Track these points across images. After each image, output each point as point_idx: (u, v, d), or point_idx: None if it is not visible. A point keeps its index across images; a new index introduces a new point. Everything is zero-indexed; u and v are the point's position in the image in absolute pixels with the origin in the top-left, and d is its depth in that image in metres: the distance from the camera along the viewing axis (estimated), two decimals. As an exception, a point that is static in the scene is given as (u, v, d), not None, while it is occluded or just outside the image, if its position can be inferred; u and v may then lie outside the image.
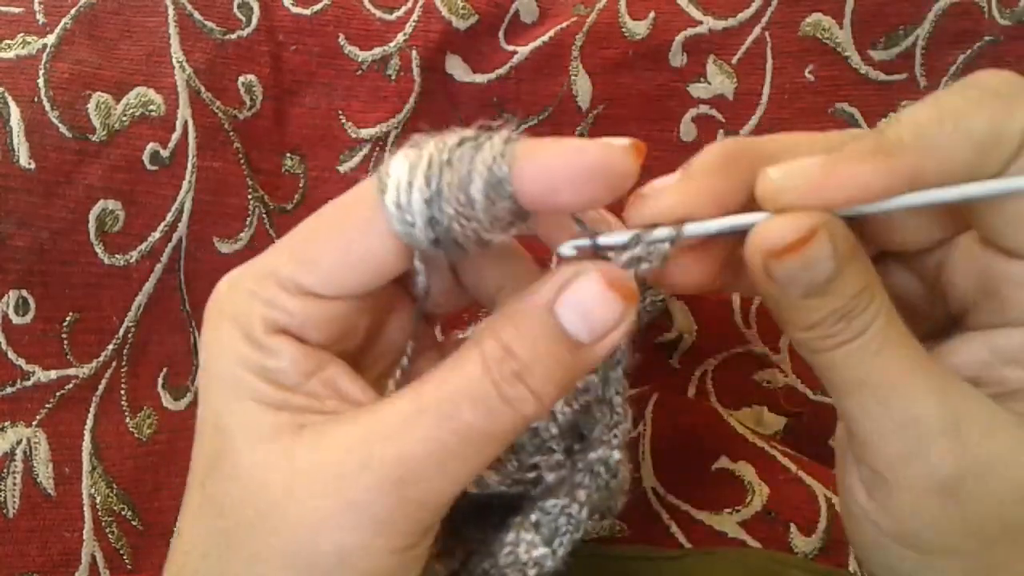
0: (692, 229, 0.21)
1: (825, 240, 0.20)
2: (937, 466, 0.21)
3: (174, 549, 0.23)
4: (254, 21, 0.35)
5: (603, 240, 0.21)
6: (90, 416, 0.34)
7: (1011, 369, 0.22)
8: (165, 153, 0.34)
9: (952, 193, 0.20)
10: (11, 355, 0.33)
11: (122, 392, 0.35)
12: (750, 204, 0.21)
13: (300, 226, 0.22)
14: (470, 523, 0.24)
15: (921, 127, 0.20)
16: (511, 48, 0.36)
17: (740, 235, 0.21)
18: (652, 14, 0.36)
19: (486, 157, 0.20)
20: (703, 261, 0.23)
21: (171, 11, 0.34)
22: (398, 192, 0.20)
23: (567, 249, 0.21)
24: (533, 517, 0.23)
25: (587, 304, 0.20)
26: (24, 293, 0.33)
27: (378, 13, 0.36)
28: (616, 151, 0.20)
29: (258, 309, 0.22)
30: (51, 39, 0.33)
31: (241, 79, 0.35)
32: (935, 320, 0.24)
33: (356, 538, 0.20)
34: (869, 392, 0.21)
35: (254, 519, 0.21)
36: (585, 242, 0.21)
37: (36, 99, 0.32)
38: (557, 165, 0.20)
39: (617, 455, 0.23)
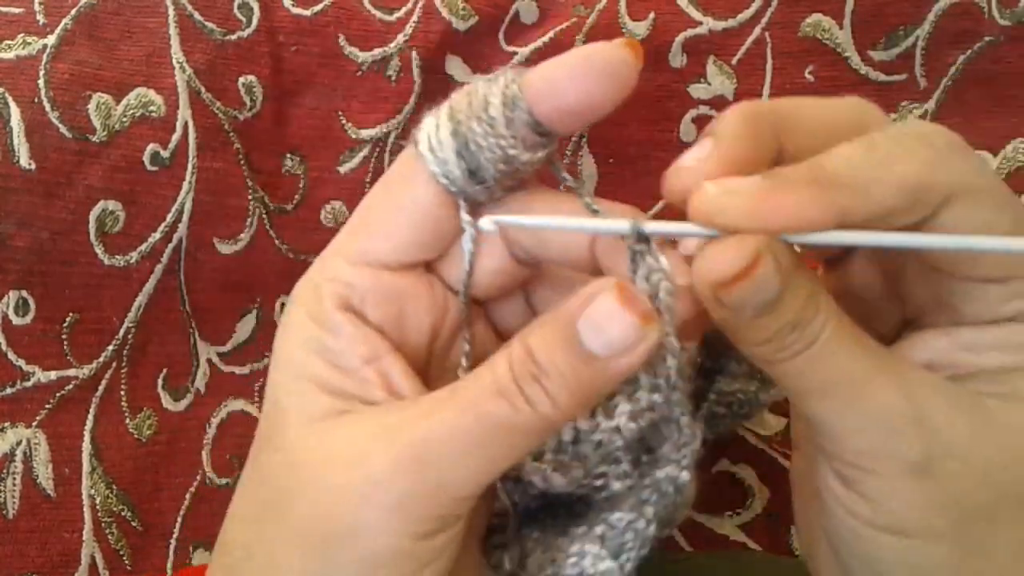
0: (651, 227, 0.21)
1: (771, 263, 0.20)
2: (907, 453, 0.21)
3: (227, 515, 0.24)
4: (254, 22, 0.35)
5: (530, 221, 0.22)
6: (90, 417, 0.34)
7: (965, 355, 0.22)
8: (165, 154, 0.34)
9: (887, 240, 0.21)
10: (11, 356, 0.33)
11: (122, 393, 0.35)
12: (776, 165, 0.21)
13: (358, 207, 0.24)
14: (529, 524, 0.24)
15: (855, 166, 0.20)
16: (511, 49, 0.36)
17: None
18: (652, 15, 0.36)
19: (499, 83, 0.22)
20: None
21: (171, 12, 0.34)
22: (429, 139, 0.22)
23: (487, 224, 0.22)
24: (599, 530, 0.23)
25: (601, 319, 0.21)
26: (24, 294, 0.33)
27: (378, 14, 0.36)
28: (610, 47, 0.21)
29: (324, 286, 0.24)
30: (51, 40, 0.33)
31: (241, 80, 0.35)
32: (899, 316, 0.25)
33: (372, 515, 0.21)
34: (832, 393, 0.22)
35: (288, 491, 0.22)
36: (508, 219, 0.22)
37: (36, 100, 0.33)
38: (560, 70, 0.22)
39: (686, 475, 0.23)
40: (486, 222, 0.22)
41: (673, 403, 0.22)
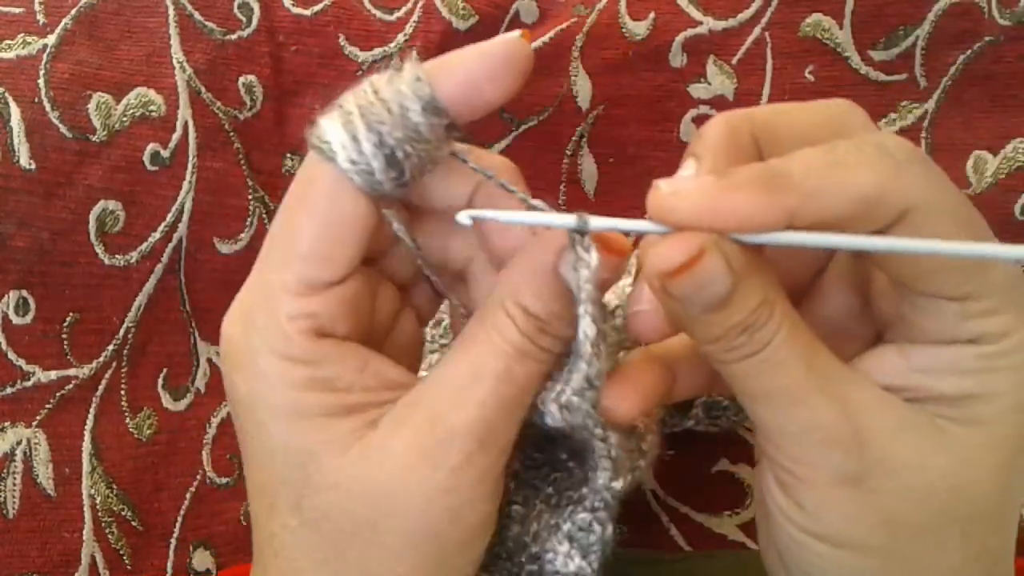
0: (596, 223, 0.22)
1: (716, 259, 0.20)
2: (840, 465, 0.22)
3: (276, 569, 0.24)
4: (254, 22, 0.35)
5: (505, 216, 0.22)
6: (90, 416, 0.34)
7: (921, 377, 0.22)
8: (165, 153, 0.34)
9: (831, 241, 0.21)
10: (11, 355, 0.33)
11: (122, 393, 0.35)
12: None
13: (268, 240, 0.24)
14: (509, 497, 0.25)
15: (811, 169, 0.20)
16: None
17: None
18: (652, 14, 0.36)
19: (407, 87, 0.22)
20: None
21: (171, 11, 0.34)
22: (346, 150, 0.21)
23: (463, 218, 0.23)
24: (566, 528, 0.24)
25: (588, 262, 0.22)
26: (24, 293, 0.33)
27: (378, 14, 0.36)
28: (514, 40, 0.22)
29: (285, 326, 0.23)
30: (51, 39, 0.33)
31: (241, 79, 0.35)
32: (873, 335, 0.25)
33: (460, 498, 0.22)
34: (774, 401, 0.22)
35: (368, 515, 0.23)
36: (485, 214, 0.23)
37: (36, 99, 0.33)
38: (474, 69, 0.22)
39: (618, 484, 0.24)
40: (463, 216, 0.23)
41: (587, 402, 0.23)
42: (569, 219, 0.22)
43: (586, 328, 0.22)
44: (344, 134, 0.21)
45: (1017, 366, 0.22)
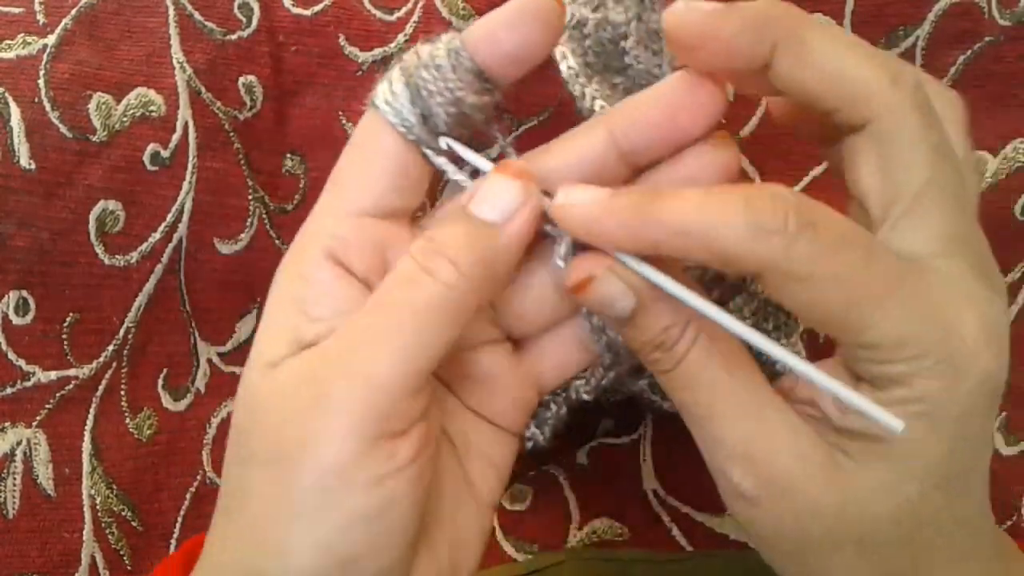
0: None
1: (611, 281, 0.22)
2: (738, 483, 0.23)
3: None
4: (254, 22, 0.35)
5: (469, 155, 0.25)
6: (90, 417, 0.34)
7: (831, 407, 0.23)
8: (165, 154, 0.34)
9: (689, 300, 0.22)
10: (11, 356, 0.33)
11: (122, 393, 0.35)
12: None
13: (332, 171, 0.26)
14: None
15: (682, 210, 0.21)
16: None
17: None
18: (652, 15, 0.36)
19: (443, 39, 0.25)
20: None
21: (171, 12, 0.34)
22: (383, 94, 0.25)
23: (442, 142, 0.25)
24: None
25: (488, 192, 0.24)
26: (24, 294, 0.33)
27: (378, 14, 0.36)
28: None
29: (310, 240, 0.25)
30: (51, 39, 0.33)
31: (241, 80, 0.35)
32: None
33: (318, 425, 0.22)
34: (689, 414, 0.24)
35: (247, 432, 0.23)
36: (456, 146, 0.25)
37: (36, 99, 0.33)
38: (495, 20, 0.24)
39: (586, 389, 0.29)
40: (442, 140, 0.25)
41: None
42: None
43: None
44: (385, 81, 0.25)
45: (923, 414, 0.21)
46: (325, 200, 0.26)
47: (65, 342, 0.34)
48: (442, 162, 0.25)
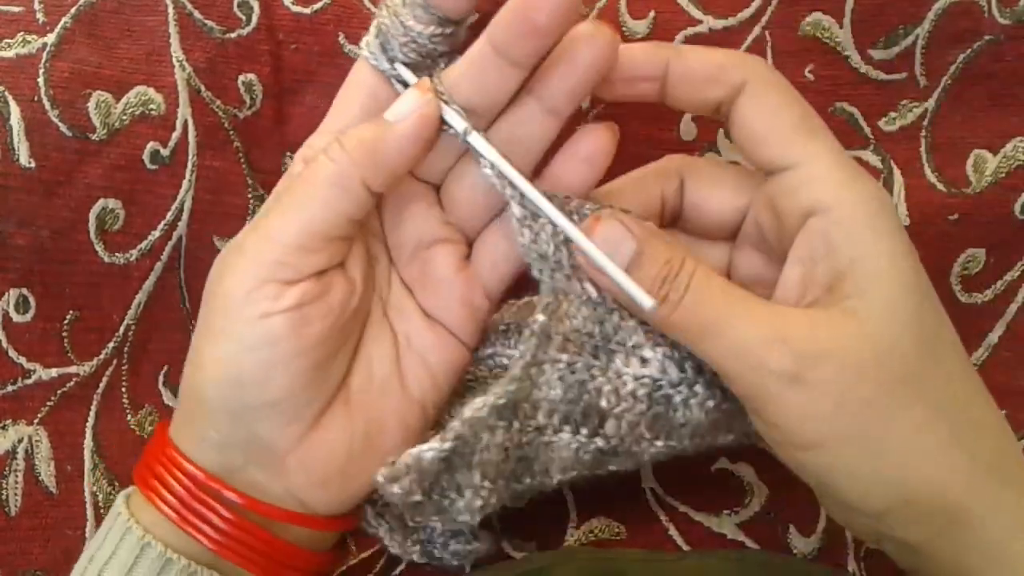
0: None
1: (613, 224, 0.27)
2: (777, 367, 0.25)
3: None
4: (254, 20, 0.35)
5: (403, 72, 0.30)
6: (91, 414, 0.35)
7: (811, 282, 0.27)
8: (165, 152, 0.34)
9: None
10: (12, 353, 0.33)
11: (123, 390, 0.35)
12: None
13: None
14: None
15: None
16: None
17: None
18: (652, 13, 0.36)
19: None
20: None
21: (171, 10, 0.34)
22: (364, 40, 0.30)
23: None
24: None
25: (398, 100, 0.29)
26: (24, 291, 0.33)
27: (378, 12, 0.36)
28: None
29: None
30: (51, 38, 0.33)
31: (241, 78, 0.35)
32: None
33: (231, 263, 0.28)
34: (711, 333, 0.26)
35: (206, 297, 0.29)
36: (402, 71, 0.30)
37: (36, 98, 0.33)
38: None
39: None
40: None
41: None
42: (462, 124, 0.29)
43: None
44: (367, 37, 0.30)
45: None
46: (323, 124, 0.31)
47: (65, 340, 0.34)
48: (399, 87, 0.30)
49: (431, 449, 0.27)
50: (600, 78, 0.28)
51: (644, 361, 0.28)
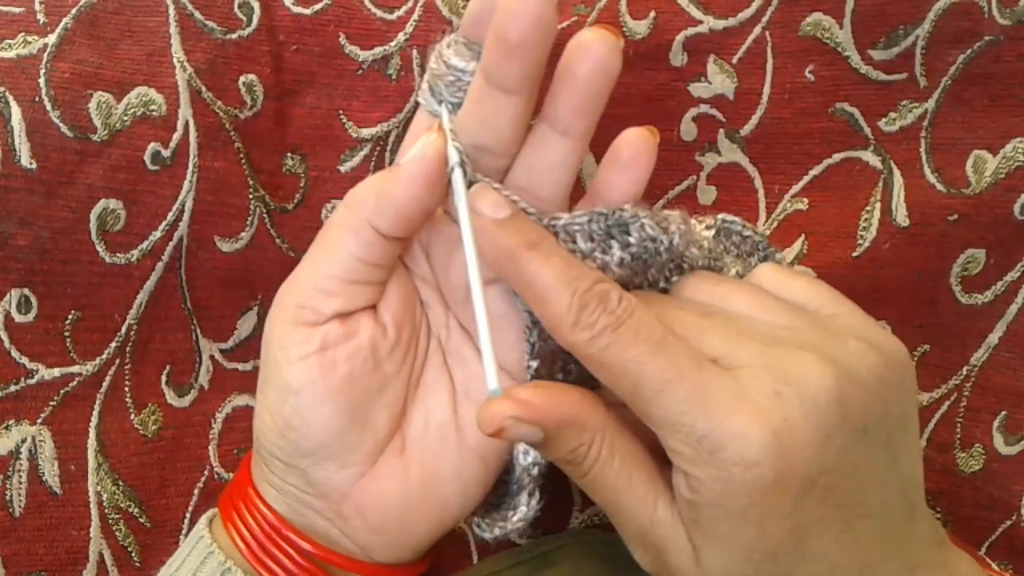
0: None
1: (519, 427, 0.25)
2: (640, 561, 0.28)
3: None
4: (255, 21, 0.35)
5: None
6: (95, 413, 0.35)
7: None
8: (166, 153, 0.34)
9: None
10: (14, 353, 0.33)
11: (126, 389, 0.35)
12: None
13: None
14: None
15: (545, 272, 0.27)
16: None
17: None
18: (652, 13, 0.36)
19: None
20: None
21: (172, 11, 0.34)
22: (420, 90, 0.31)
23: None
24: None
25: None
26: (26, 292, 0.34)
27: (379, 13, 0.36)
28: None
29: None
30: (52, 39, 0.33)
31: (242, 79, 0.35)
32: None
33: (271, 315, 0.31)
34: (607, 507, 0.27)
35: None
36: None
37: (37, 99, 0.32)
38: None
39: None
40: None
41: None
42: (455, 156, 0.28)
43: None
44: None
45: (715, 497, 0.25)
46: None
47: (67, 339, 0.34)
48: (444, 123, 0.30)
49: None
50: (606, 86, 0.27)
51: None
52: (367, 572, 0.30)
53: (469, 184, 0.28)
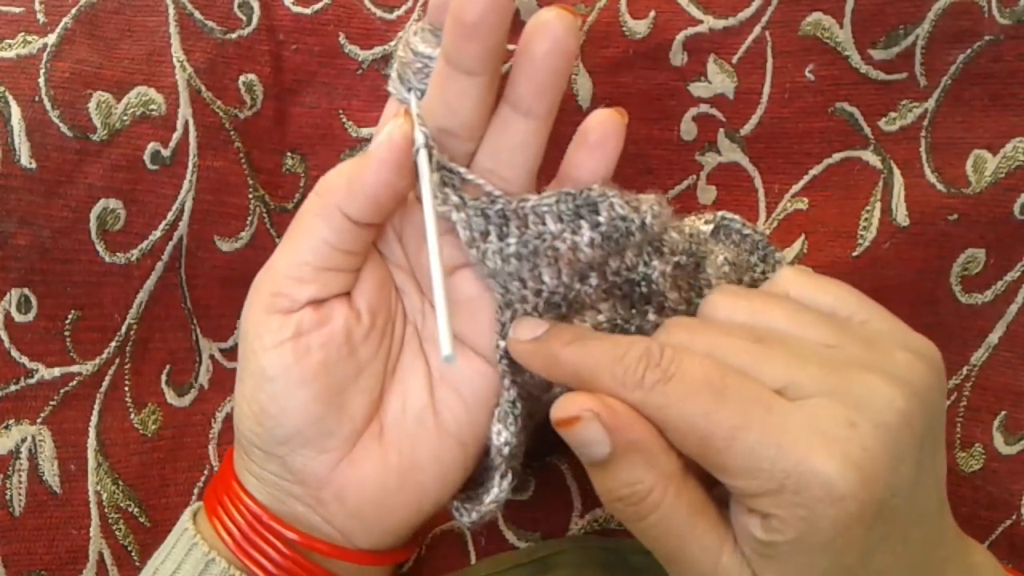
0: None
1: (593, 426, 0.25)
2: None
3: None
4: (254, 20, 0.35)
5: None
6: (94, 413, 0.35)
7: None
8: (166, 152, 0.34)
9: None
10: (14, 353, 0.33)
11: (126, 389, 0.35)
12: None
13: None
14: None
15: (580, 355, 0.27)
16: (512, 47, 0.36)
17: None
18: (652, 13, 0.36)
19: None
20: None
21: (171, 10, 0.34)
22: (391, 81, 0.31)
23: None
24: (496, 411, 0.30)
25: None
26: (26, 291, 0.34)
27: (378, 12, 0.36)
28: None
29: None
30: (52, 38, 0.33)
31: (242, 78, 0.35)
32: None
33: (247, 301, 0.30)
34: (656, 552, 0.26)
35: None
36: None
37: (37, 98, 0.33)
38: None
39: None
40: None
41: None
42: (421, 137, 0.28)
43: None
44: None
45: (794, 541, 0.24)
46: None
47: (67, 339, 0.34)
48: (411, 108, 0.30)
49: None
50: (565, 66, 0.27)
51: None
52: (349, 558, 0.30)
53: (437, 168, 0.28)
